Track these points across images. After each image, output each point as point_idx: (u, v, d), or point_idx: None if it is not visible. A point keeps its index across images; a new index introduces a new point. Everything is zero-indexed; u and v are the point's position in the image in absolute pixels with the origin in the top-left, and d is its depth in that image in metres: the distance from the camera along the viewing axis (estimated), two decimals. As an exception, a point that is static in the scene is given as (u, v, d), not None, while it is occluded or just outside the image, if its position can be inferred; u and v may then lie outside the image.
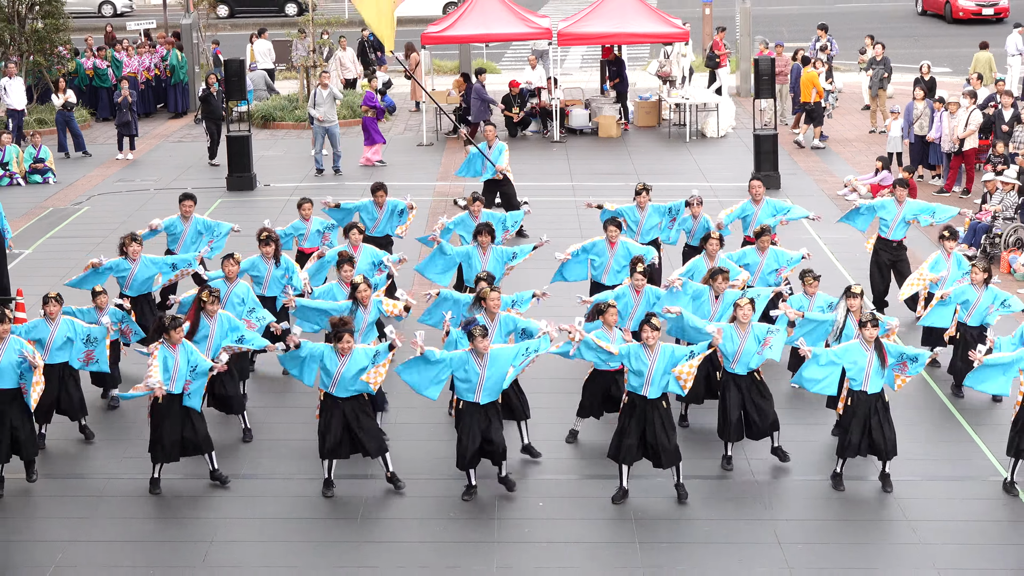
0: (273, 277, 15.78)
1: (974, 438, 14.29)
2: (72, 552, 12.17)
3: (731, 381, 13.40)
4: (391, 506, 12.98)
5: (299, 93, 32.41)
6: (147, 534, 12.56)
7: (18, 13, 31.15)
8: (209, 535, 12.46)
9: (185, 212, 17.37)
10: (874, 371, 12.85)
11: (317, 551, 12.17)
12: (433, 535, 12.44)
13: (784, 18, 45.48)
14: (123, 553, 12.17)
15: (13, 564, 11.99)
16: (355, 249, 15.95)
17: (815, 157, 27.42)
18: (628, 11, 29.66)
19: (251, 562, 11.99)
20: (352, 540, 12.36)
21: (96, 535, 12.50)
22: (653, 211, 17.38)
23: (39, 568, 11.88)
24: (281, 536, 12.45)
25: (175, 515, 12.93)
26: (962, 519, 12.62)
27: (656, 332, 12.65)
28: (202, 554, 12.12)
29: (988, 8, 44.38)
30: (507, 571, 11.80)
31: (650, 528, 12.46)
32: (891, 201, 17.57)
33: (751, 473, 13.54)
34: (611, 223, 16.07)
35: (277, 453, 14.11)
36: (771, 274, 15.84)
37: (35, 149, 26.50)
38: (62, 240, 22.17)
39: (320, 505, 13.02)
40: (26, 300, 17.11)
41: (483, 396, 12.75)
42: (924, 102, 24.97)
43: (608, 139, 29.45)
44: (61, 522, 12.74)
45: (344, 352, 12.78)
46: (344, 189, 24.85)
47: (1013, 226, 20.37)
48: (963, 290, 15.08)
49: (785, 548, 12.09)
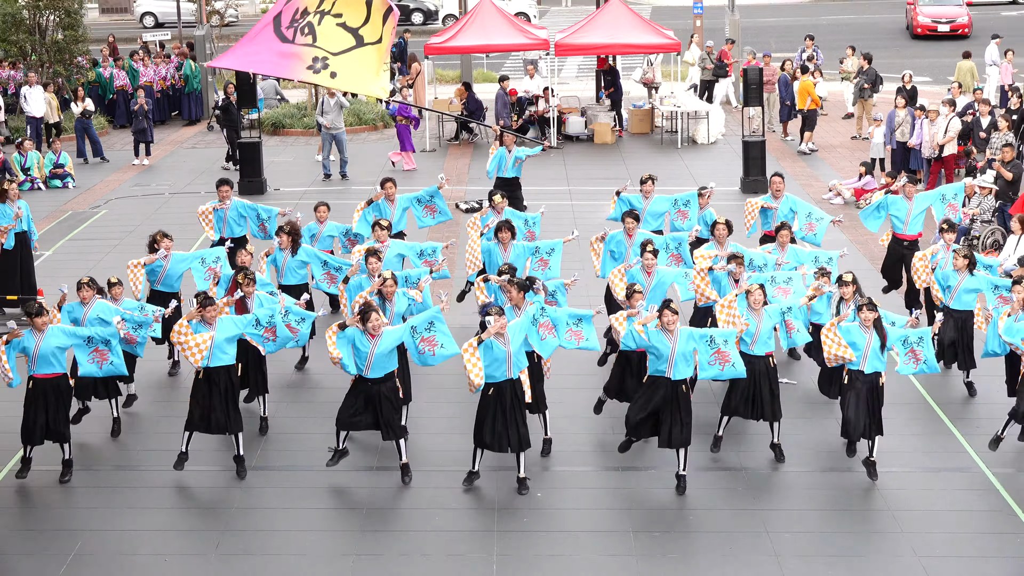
0: (289, 266, 15.81)
1: (953, 432, 14.31)
2: (91, 540, 12.19)
3: (747, 361, 13.40)
4: (394, 496, 12.99)
5: (307, 101, 32.45)
6: (163, 524, 12.57)
7: (39, 25, 31.18)
8: (222, 524, 12.48)
9: (223, 196, 17.50)
10: (872, 352, 12.93)
11: (323, 539, 12.19)
12: (434, 524, 12.45)
13: (771, 29, 45.48)
14: (140, 541, 12.19)
15: (34, 551, 12.00)
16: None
17: (801, 162, 27.44)
18: (622, 23, 29.73)
19: (261, 550, 12.01)
20: (356, 529, 12.38)
21: (114, 524, 12.51)
22: (659, 200, 17.38)
23: (60, 556, 11.90)
24: (289, 525, 12.47)
25: (189, 506, 12.97)
26: (942, 509, 12.64)
27: (676, 316, 12.64)
28: (214, 543, 12.15)
29: (944, 25, 43.84)
30: (506, 559, 11.82)
31: (643, 517, 12.48)
32: (900, 199, 17.31)
33: (741, 465, 13.56)
34: (628, 215, 16.14)
35: (285, 445, 14.12)
36: (790, 270, 15.86)
37: (55, 155, 26.55)
38: (81, 242, 22.18)
39: (326, 496, 13.04)
40: (45, 299, 17.13)
41: (513, 370, 12.71)
42: (905, 110, 25.02)
43: (603, 145, 29.48)
44: (81, 511, 12.77)
45: (374, 333, 12.76)
46: (350, 193, 24.88)
47: (990, 228, 20.40)
48: (947, 274, 15.08)
49: (773, 537, 12.10)
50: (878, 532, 12.21)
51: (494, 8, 30.56)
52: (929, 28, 43.70)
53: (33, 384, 13.14)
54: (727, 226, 15.71)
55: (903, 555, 11.77)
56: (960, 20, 43.60)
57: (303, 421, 14.68)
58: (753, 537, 12.11)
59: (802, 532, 12.23)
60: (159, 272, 15.65)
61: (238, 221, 17.53)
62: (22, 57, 31.43)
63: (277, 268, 15.96)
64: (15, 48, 31.24)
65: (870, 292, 16.09)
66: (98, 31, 41.91)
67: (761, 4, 55.40)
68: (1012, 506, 12.64)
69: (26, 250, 18.45)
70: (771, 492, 13.02)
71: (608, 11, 30.47)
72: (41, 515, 12.76)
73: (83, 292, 13.97)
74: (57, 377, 13.14)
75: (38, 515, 12.76)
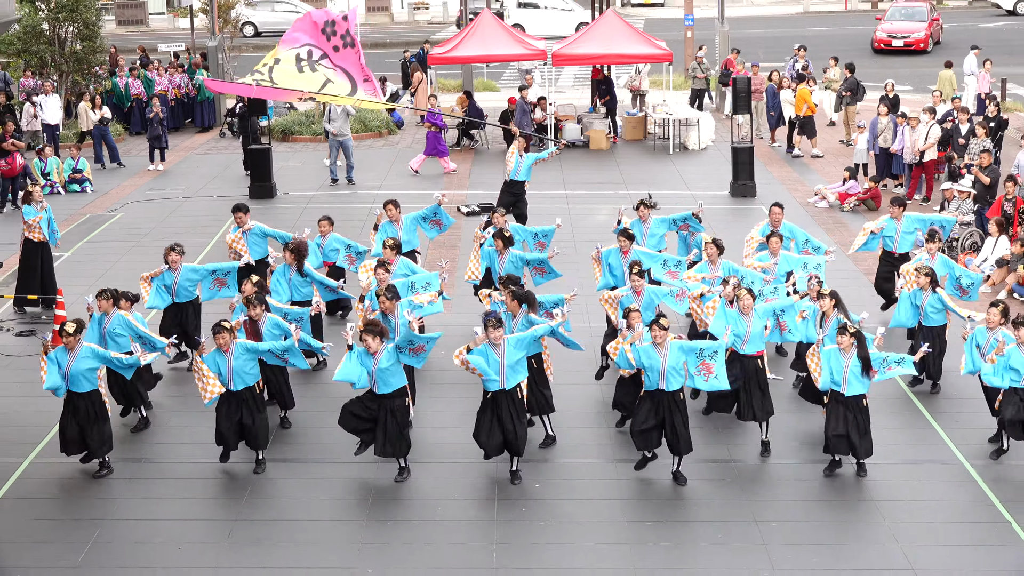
0: (294, 283, 15.73)
1: (934, 425, 14.32)
2: (109, 529, 12.19)
3: (737, 360, 13.41)
4: (399, 487, 12.99)
5: (315, 109, 32.43)
6: (177, 513, 12.57)
7: (59, 36, 31.18)
8: (234, 514, 12.48)
9: (240, 222, 17.17)
10: (851, 375, 12.76)
11: (331, 528, 12.20)
12: (437, 514, 12.46)
13: (759, 40, 45.44)
14: (155, 530, 12.19)
15: (54, 539, 12.00)
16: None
17: (788, 168, 27.43)
18: (616, 34, 29.75)
19: (272, 538, 12.01)
20: (363, 518, 12.38)
21: (131, 514, 12.51)
22: (658, 223, 17.30)
23: (79, 544, 11.90)
24: (299, 515, 12.47)
25: (202, 496, 12.96)
26: (923, 499, 12.65)
27: (665, 332, 12.61)
28: (227, 531, 12.15)
29: (898, 40, 43.36)
30: (506, 547, 11.82)
31: (638, 507, 12.48)
32: (889, 220, 17.34)
33: (731, 458, 13.56)
34: (622, 235, 16.02)
35: (295, 440, 14.11)
36: (782, 276, 15.86)
37: (74, 161, 26.55)
38: (98, 244, 22.17)
39: (334, 487, 13.04)
40: (65, 299, 17.15)
41: (507, 381, 12.73)
42: (888, 117, 25.01)
43: (598, 151, 29.46)
44: (99, 502, 12.77)
45: (374, 350, 12.74)
46: (356, 197, 24.88)
47: (969, 231, 20.41)
48: (915, 292, 15.04)
49: (761, 526, 12.11)
50: (862, 521, 12.21)
51: (494, 20, 30.62)
52: (885, 43, 43.67)
53: (68, 398, 13.12)
54: (716, 245, 15.56)
55: (885, 543, 11.78)
56: (916, 36, 43.35)
57: (314, 415, 14.66)
58: (743, 526, 12.11)
59: (790, 521, 12.23)
60: (171, 285, 15.59)
61: (258, 243, 17.24)
62: (42, 67, 31.44)
63: (284, 282, 15.69)
64: (36, 58, 31.24)
65: (863, 300, 16.13)
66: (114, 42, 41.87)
67: (749, 16, 55.41)
68: (990, 496, 12.65)
69: (46, 252, 18.50)
70: (760, 484, 13.02)
71: (603, 23, 30.53)
72: (62, 505, 12.76)
73: (101, 302, 14.00)
74: (89, 394, 13.10)
75: (59, 505, 12.76)
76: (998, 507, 12.44)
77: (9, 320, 18.11)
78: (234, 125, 31.85)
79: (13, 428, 14.43)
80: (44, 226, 18.41)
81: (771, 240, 15.88)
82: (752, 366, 13.46)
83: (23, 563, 11.59)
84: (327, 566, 11.54)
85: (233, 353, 12.96)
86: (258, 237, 17.17)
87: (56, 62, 31.25)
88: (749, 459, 13.51)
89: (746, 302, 13.43)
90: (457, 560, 11.62)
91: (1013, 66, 37.19)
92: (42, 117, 28.95)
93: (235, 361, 12.98)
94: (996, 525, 12.11)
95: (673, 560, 11.56)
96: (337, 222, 17.78)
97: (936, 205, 22.70)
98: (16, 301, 18.41)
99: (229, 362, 12.98)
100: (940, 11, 49.70)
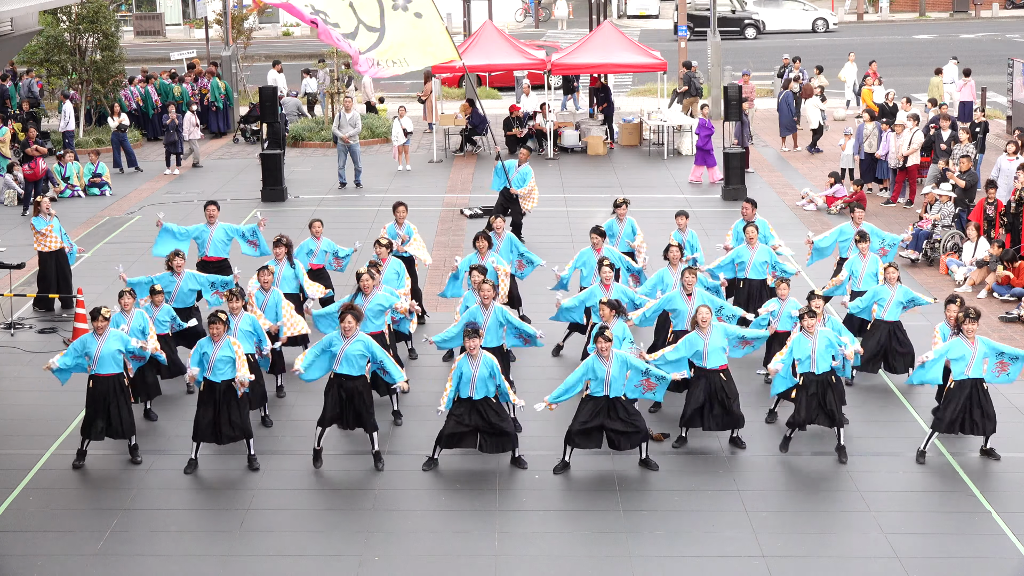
0: (284, 276, 15.71)
1: (916, 418, 14.30)
2: (125, 519, 12.17)
3: (701, 376, 13.33)
4: (403, 479, 12.97)
5: (325, 116, 32.41)
6: (191, 503, 12.56)
7: (79, 46, 31.18)
8: (246, 504, 12.46)
9: (210, 216, 17.19)
10: (819, 354, 13.00)
11: (339, 517, 12.18)
12: (441, 503, 12.45)
13: (750, 51, 45.42)
14: (170, 519, 12.17)
15: (74, 528, 11.99)
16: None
17: (777, 172, 27.41)
18: (613, 44, 29.79)
19: (282, 528, 11.99)
20: (369, 508, 12.35)
21: (147, 504, 12.49)
22: (632, 225, 17.26)
23: (98, 532, 11.88)
24: (308, 505, 12.46)
25: (215, 487, 12.93)
26: (905, 489, 12.64)
27: (609, 343, 12.59)
28: (239, 520, 12.13)
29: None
30: (506, 535, 11.80)
31: (633, 498, 12.46)
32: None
33: (721, 449, 13.54)
34: (594, 231, 16.01)
35: (301, 432, 14.09)
36: (762, 265, 15.88)
37: (93, 165, 26.53)
38: (117, 245, 22.15)
39: (341, 478, 13.02)
40: (85, 297, 17.13)
41: (476, 392, 12.75)
42: (873, 124, 25.00)
43: (596, 156, 29.46)
44: (116, 492, 12.75)
45: (347, 333, 12.81)
46: (364, 201, 24.85)
47: (950, 233, 20.39)
48: (878, 290, 14.97)
49: (751, 515, 12.09)
50: (847, 511, 12.19)
51: (495, 31, 30.59)
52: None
53: (94, 384, 13.12)
54: (680, 249, 15.49)
55: (870, 531, 11.76)
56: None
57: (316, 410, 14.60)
58: (733, 516, 12.09)
59: (778, 511, 12.21)
60: (172, 290, 15.53)
61: (225, 242, 17.15)
62: (63, 75, 31.44)
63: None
64: (57, 67, 31.25)
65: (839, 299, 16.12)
66: (132, 53, 41.88)
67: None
68: (971, 487, 12.63)
69: (62, 258, 18.33)
70: (750, 475, 13.00)
71: (600, 34, 30.58)
72: (82, 495, 12.73)
73: (124, 300, 14.02)
74: (115, 376, 13.14)
75: (79, 495, 12.73)
76: (978, 497, 12.41)
77: (31, 319, 18.09)
78: (247, 131, 31.84)
79: (35, 422, 14.42)
80: (59, 234, 18.21)
81: (748, 230, 16.05)
82: (717, 380, 13.33)
83: (45, 551, 11.58)
84: (335, 553, 11.51)
85: (220, 345, 12.91)
86: (226, 236, 17.17)
87: (77, 71, 31.26)
88: (739, 452, 13.49)
89: (704, 316, 13.21)
90: (460, 547, 11.60)
91: (991, 75, 37.19)
92: (61, 124, 28.93)
93: (219, 352, 12.87)
94: (976, 515, 12.09)
95: (668, 548, 11.54)
96: (344, 225, 17.76)
97: (919, 208, 22.69)
98: (37, 301, 18.35)
99: (214, 353, 12.90)
100: (923, 22, 49.71)
